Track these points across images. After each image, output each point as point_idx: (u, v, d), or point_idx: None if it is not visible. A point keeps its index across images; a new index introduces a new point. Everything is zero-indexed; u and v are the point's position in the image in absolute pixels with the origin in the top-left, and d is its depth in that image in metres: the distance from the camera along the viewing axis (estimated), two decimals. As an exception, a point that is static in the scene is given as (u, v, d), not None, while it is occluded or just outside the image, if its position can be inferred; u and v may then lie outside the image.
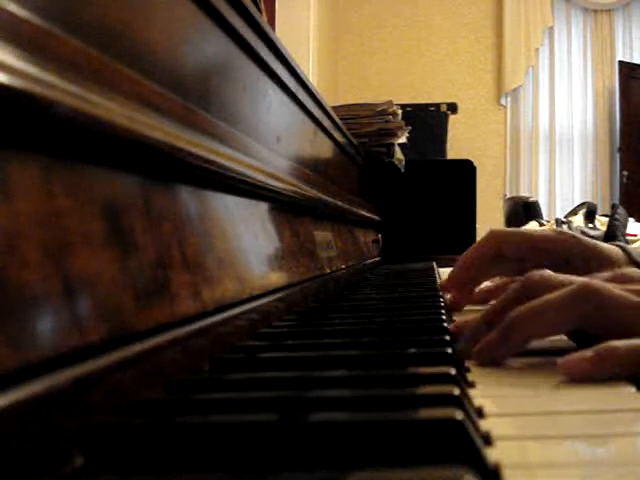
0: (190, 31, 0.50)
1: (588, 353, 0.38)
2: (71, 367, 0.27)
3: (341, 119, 1.27)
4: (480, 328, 0.46)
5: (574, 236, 0.68)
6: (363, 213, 1.42)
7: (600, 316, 0.42)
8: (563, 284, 0.44)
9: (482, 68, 5.60)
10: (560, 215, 4.61)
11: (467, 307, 0.74)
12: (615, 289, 0.43)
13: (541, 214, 4.61)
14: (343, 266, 1.03)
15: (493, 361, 0.44)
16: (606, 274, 0.49)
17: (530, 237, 0.69)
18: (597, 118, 5.63)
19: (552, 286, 0.44)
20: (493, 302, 0.67)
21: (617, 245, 0.69)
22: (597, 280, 0.44)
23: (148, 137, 0.37)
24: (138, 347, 0.33)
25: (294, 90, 0.83)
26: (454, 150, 4.74)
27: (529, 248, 0.68)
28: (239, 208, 0.57)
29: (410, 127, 1.91)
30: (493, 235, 0.70)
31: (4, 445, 0.22)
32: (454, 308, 0.72)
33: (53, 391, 0.25)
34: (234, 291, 0.49)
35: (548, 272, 0.47)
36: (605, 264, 0.65)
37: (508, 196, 5.30)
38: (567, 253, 0.66)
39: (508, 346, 0.43)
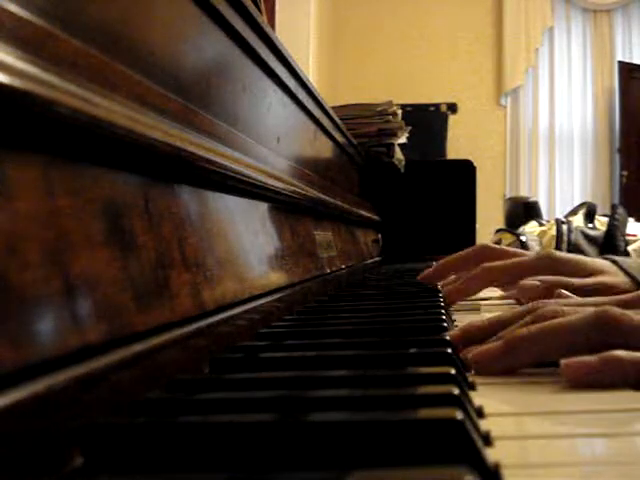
0: (190, 31, 0.50)
1: (592, 359, 0.37)
2: (71, 367, 0.27)
3: (341, 119, 1.27)
4: (480, 335, 0.45)
5: (554, 257, 0.68)
6: (363, 213, 1.42)
7: (619, 346, 0.39)
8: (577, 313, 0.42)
9: (482, 68, 5.59)
10: (560, 215, 4.60)
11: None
12: (635, 317, 0.41)
13: (541, 214, 4.60)
14: (343, 266, 1.03)
15: (487, 370, 0.41)
16: (623, 297, 0.47)
17: (514, 267, 0.70)
18: (597, 118, 5.63)
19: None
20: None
21: (606, 258, 0.69)
22: (616, 308, 0.42)
23: (148, 137, 0.37)
24: (138, 347, 0.33)
25: (294, 90, 0.83)
26: (454, 150, 4.74)
27: (513, 276, 0.68)
28: (239, 208, 0.57)
29: (410, 127, 1.91)
30: (481, 250, 0.74)
31: (4, 445, 0.22)
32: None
33: (53, 391, 0.25)
34: (234, 291, 0.49)
35: (561, 307, 0.45)
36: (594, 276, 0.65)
37: (508, 196, 5.30)
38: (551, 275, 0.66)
39: (510, 361, 0.41)
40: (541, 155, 5.64)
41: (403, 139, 1.86)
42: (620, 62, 5.50)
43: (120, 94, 0.35)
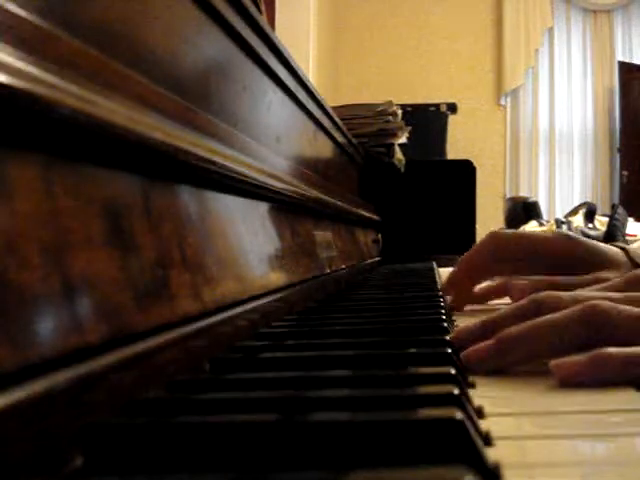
0: (190, 31, 0.50)
1: (582, 358, 0.37)
2: (71, 367, 0.27)
3: (341, 119, 1.27)
4: (476, 332, 0.45)
5: (571, 237, 0.68)
6: (363, 213, 1.42)
7: (610, 339, 0.39)
8: (575, 302, 0.42)
9: (482, 68, 5.60)
10: (560, 215, 4.61)
11: (468, 308, 0.74)
12: (625, 307, 0.40)
13: (541, 214, 4.61)
14: (343, 266, 1.03)
15: (478, 370, 0.41)
16: (619, 279, 0.47)
17: (528, 239, 0.69)
18: (597, 118, 5.63)
19: (561, 307, 0.42)
20: (494, 302, 0.66)
21: (617, 245, 0.69)
22: (606, 301, 0.41)
23: (148, 137, 0.37)
24: (138, 347, 0.33)
25: (294, 90, 0.83)
26: (454, 150, 4.74)
27: (527, 250, 0.68)
28: (239, 208, 0.57)
29: (410, 127, 1.91)
30: (493, 237, 0.71)
31: (4, 445, 0.22)
32: (454, 308, 0.72)
33: (53, 391, 0.25)
34: (234, 291, 0.49)
35: (557, 292, 0.45)
36: (605, 264, 0.65)
37: (508, 196, 5.30)
38: (565, 255, 0.66)
39: (500, 360, 0.42)
40: (541, 155, 5.65)
41: (403, 139, 1.86)
42: (620, 62, 5.51)
43: (120, 94, 0.35)
